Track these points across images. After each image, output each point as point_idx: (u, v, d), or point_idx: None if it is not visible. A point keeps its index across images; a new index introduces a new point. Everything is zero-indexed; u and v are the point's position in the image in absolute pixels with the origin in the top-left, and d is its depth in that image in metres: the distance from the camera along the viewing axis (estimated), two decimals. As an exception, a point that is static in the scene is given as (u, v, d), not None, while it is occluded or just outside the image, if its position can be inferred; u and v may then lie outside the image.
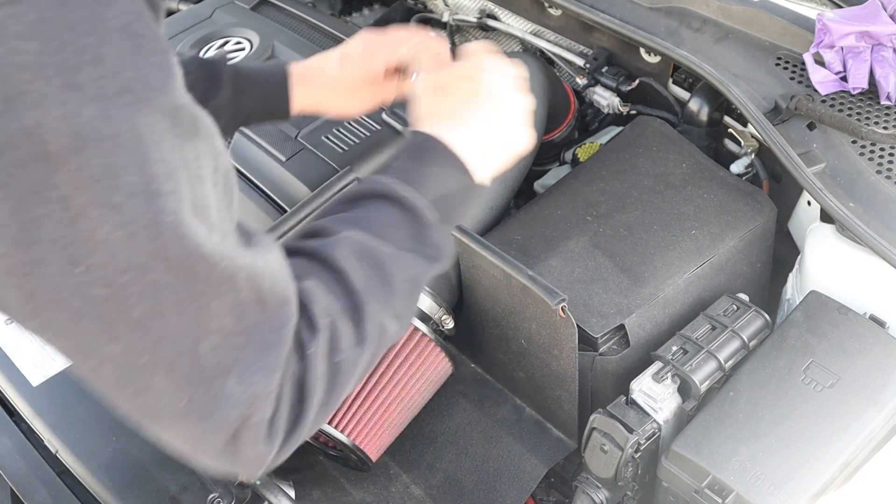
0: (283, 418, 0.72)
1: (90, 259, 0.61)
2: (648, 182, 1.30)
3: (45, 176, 0.59)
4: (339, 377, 0.76)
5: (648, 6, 1.42)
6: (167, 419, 0.68)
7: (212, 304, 0.66)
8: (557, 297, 1.10)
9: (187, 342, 0.66)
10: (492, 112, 0.95)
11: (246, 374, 0.68)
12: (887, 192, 1.13)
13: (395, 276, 0.80)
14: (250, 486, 1.08)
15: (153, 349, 0.65)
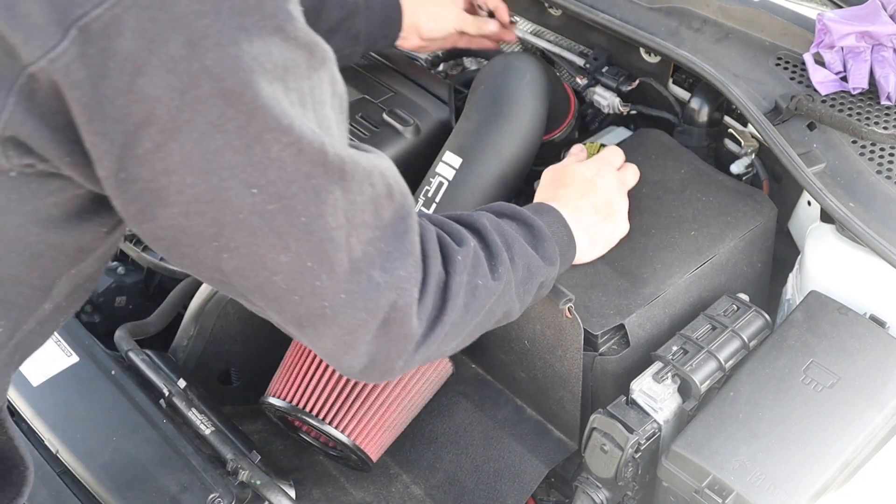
0: (429, 307, 0.83)
1: (265, 177, 0.70)
2: (646, 189, 1.30)
3: (223, 110, 0.67)
4: (475, 300, 0.88)
5: (648, 6, 1.42)
6: (329, 317, 0.78)
7: (357, 200, 0.76)
8: (564, 296, 1.10)
9: (342, 239, 0.75)
10: (601, 209, 1.16)
11: (388, 261, 0.79)
12: (887, 192, 1.13)
13: (517, 255, 0.95)
14: (250, 485, 1.08)
15: (317, 251, 0.74)
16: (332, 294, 0.77)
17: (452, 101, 1.48)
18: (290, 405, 1.19)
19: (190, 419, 1.15)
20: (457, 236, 0.90)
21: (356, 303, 0.78)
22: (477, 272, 0.89)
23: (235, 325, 1.34)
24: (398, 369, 0.86)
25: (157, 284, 1.61)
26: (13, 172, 0.69)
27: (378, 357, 0.84)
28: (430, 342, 0.86)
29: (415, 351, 0.85)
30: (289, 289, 0.76)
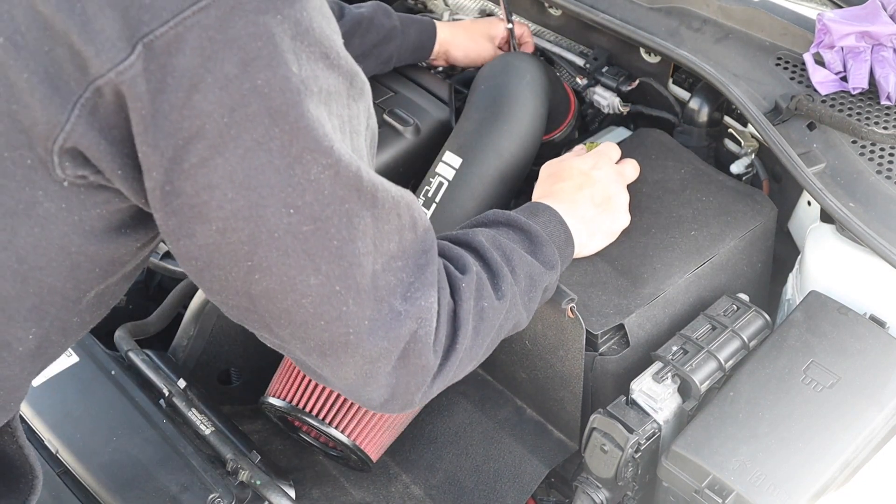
0: (442, 338, 0.85)
1: (302, 199, 0.72)
2: (646, 189, 1.30)
3: (268, 128, 0.69)
4: (483, 323, 0.90)
5: (648, 6, 1.42)
6: (352, 345, 0.79)
7: (384, 228, 0.78)
8: (566, 296, 1.10)
9: (369, 266, 0.77)
10: (598, 202, 1.16)
11: (409, 291, 0.81)
12: (887, 193, 1.13)
13: (517, 267, 0.97)
14: (250, 485, 1.08)
15: (346, 275, 0.76)
16: (356, 320, 0.78)
17: (452, 101, 1.48)
18: (289, 405, 1.19)
19: (190, 419, 1.15)
20: (459, 263, 0.92)
21: (379, 331, 0.80)
22: (482, 295, 0.91)
23: (235, 325, 1.33)
24: (417, 401, 0.88)
25: (157, 284, 1.61)
26: (66, 182, 0.71)
27: (398, 390, 0.85)
28: (447, 372, 0.88)
29: (432, 382, 0.87)
30: (315, 313, 0.77)
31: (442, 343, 0.86)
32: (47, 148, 0.69)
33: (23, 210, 0.71)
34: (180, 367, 1.28)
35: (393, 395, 0.86)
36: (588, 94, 1.55)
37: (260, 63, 0.68)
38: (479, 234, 0.97)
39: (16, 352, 0.79)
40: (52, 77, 0.67)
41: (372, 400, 0.86)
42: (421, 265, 0.83)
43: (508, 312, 0.96)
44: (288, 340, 0.81)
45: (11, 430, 0.89)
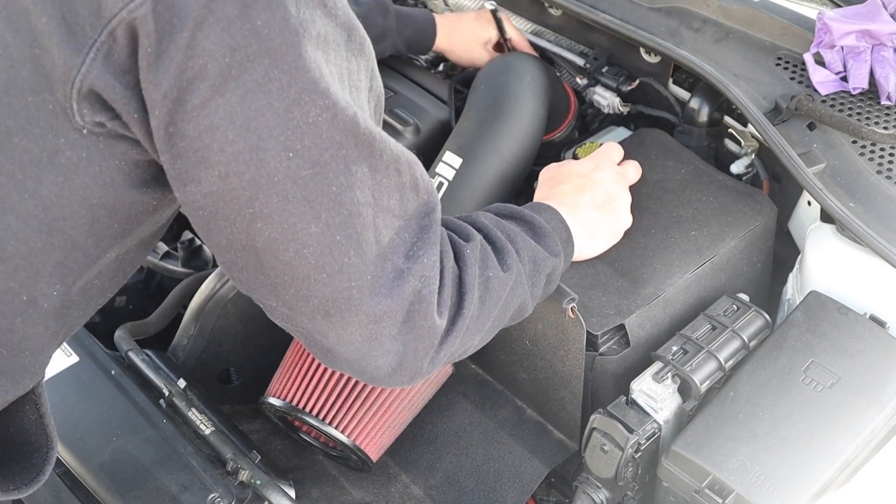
0: (447, 301, 0.86)
1: (301, 142, 0.73)
2: (646, 189, 1.30)
3: (268, 70, 0.71)
4: (489, 293, 0.91)
5: (648, 6, 1.42)
6: (355, 301, 0.79)
7: (383, 182, 0.79)
8: (567, 296, 1.09)
9: (369, 217, 0.78)
10: (600, 204, 1.16)
11: (412, 250, 0.82)
12: (887, 193, 1.13)
13: (521, 249, 0.98)
14: (250, 485, 1.08)
15: (346, 224, 0.77)
16: (358, 274, 0.79)
17: (452, 101, 1.48)
18: (289, 405, 1.19)
19: (190, 419, 1.15)
20: (462, 233, 0.93)
21: (382, 288, 0.80)
22: (487, 265, 0.92)
23: (235, 325, 1.34)
24: (425, 369, 0.88)
25: (157, 284, 1.61)
26: (85, 130, 0.73)
27: (405, 357, 0.85)
28: (453, 338, 0.88)
29: (439, 347, 0.87)
30: (317, 265, 0.78)
31: (447, 306, 0.86)
32: (66, 92, 0.71)
33: (47, 158, 0.73)
34: (180, 367, 1.28)
35: (401, 363, 0.86)
36: (588, 94, 1.55)
37: (260, 4, 0.70)
38: (482, 216, 0.99)
39: (41, 308, 0.81)
40: (68, 21, 0.69)
41: (379, 369, 0.85)
42: (424, 226, 0.84)
43: (514, 289, 0.96)
44: (293, 304, 0.81)
45: (35, 398, 0.91)
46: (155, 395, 1.18)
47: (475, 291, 0.89)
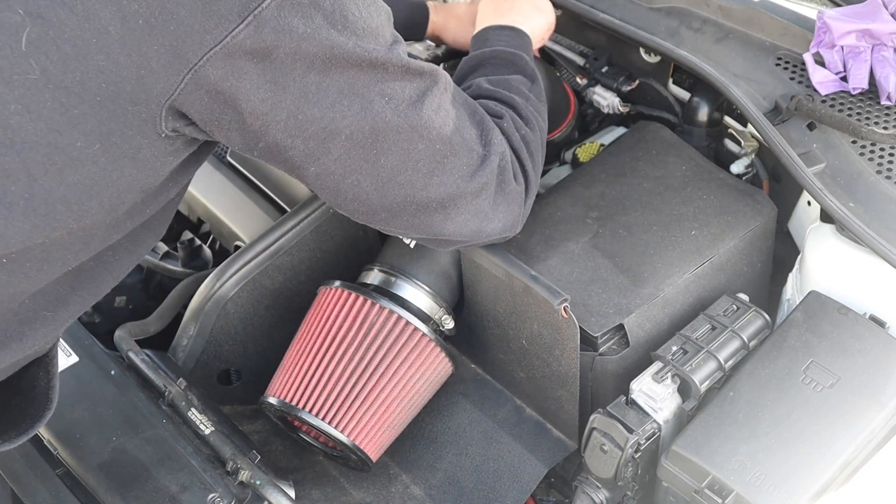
0: (518, 167, 1.11)
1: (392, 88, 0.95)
2: (648, 184, 1.30)
3: None
4: (530, 144, 1.14)
5: (648, 6, 1.42)
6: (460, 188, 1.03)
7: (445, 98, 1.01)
8: (560, 297, 1.10)
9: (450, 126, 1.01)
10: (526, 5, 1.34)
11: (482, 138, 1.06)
12: (887, 193, 1.13)
13: (513, 86, 1.18)
14: (250, 485, 1.08)
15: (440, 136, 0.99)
16: (458, 168, 1.02)
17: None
18: (289, 405, 1.19)
19: (190, 419, 1.15)
20: (493, 111, 1.13)
21: (476, 171, 1.04)
22: (518, 126, 1.13)
23: (235, 325, 1.34)
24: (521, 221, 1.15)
25: (157, 284, 1.61)
26: (163, 134, 0.87)
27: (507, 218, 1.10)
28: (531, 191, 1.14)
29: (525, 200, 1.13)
30: (429, 171, 1.00)
31: (518, 170, 1.11)
32: (159, 105, 0.84)
33: (130, 155, 0.86)
34: (180, 367, 1.28)
35: (505, 225, 1.11)
36: (588, 93, 1.55)
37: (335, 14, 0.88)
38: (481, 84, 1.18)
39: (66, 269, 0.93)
40: (175, 48, 0.81)
41: (492, 235, 1.11)
42: (477, 120, 1.06)
43: (537, 129, 1.17)
44: (417, 214, 1.03)
45: (48, 360, 1.00)
46: (155, 395, 1.18)
47: (523, 150, 1.12)
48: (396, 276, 1.26)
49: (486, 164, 1.05)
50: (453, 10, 1.57)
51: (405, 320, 1.20)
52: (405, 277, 1.26)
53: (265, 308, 1.36)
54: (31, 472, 1.11)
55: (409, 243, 1.28)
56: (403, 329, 1.20)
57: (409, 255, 1.27)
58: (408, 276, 1.26)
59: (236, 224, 1.48)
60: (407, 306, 1.24)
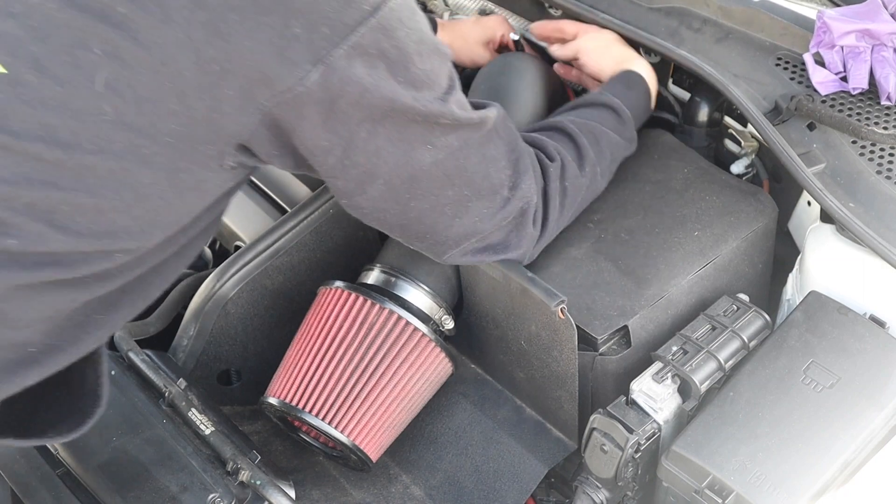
0: (541, 214, 1.14)
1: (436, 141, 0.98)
2: (650, 188, 1.30)
3: None
4: (567, 197, 1.17)
5: (648, 6, 1.42)
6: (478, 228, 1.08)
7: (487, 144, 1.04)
8: (556, 298, 1.10)
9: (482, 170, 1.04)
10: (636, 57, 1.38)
11: (513, 182, 1.08)
12: (887, 193, 1.13)
13: (605, 145, 1.22)
14: (250, 486, 1.08)
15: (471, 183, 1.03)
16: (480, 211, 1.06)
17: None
18: (289, 405, 1.19)
19: (190, 419, 1.15)
20: (547, 151, 1.16)
21: (496, 215, 1.07)
22: (566, 176, 1.16)
23: (235, 325, 1.34)
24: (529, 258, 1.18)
25: (158, 285, 1.61)
26: (226, 167, 0.91)
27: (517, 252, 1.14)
28: (545, 237, 1.18)
29: (537, 244, 1.17)
30: (454, 214, 1.05)
31: (539, 217, 1.14)
32: (227, 144, 0.88)
33: (195, 186, 0.90)
34: (180, 368, 1.28)
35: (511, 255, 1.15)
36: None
37: (399, 67, 0.91)
38: (568, 122, 1.21)
39: None
40: (248, 91, 0.85)
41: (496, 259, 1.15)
42: (513, 160, 1.08)
43: (590, 186, 1.22)
44: (439, 242, 1.09)
45: (96, 357, 1.02)
46: (155, 396, 1.18)
47: (556, 200, 1.15)
48: (396, 277, 1.26)
49: (507, 206, 1.08)
50: (460, 28, 1.57)
51: (405, 320, 1.20)
52: (405, 278, 1.26)
53: (265, 308, 1.36)
54: (31, 472, 1.11)
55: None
56: (404, 329, 1.20)
57: (409, 256, 1.27)
58: (408, 276, 1.26)
59: (236, 224, 1.48)
60: (407, 306, 1.24)
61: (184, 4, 0.81)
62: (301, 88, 0.86)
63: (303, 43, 0.85)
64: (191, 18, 0.81)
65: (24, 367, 0.89)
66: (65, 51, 0.80)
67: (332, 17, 0.85)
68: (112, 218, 0.86)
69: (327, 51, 0.86)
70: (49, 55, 0.80)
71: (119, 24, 0.80)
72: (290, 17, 0.84)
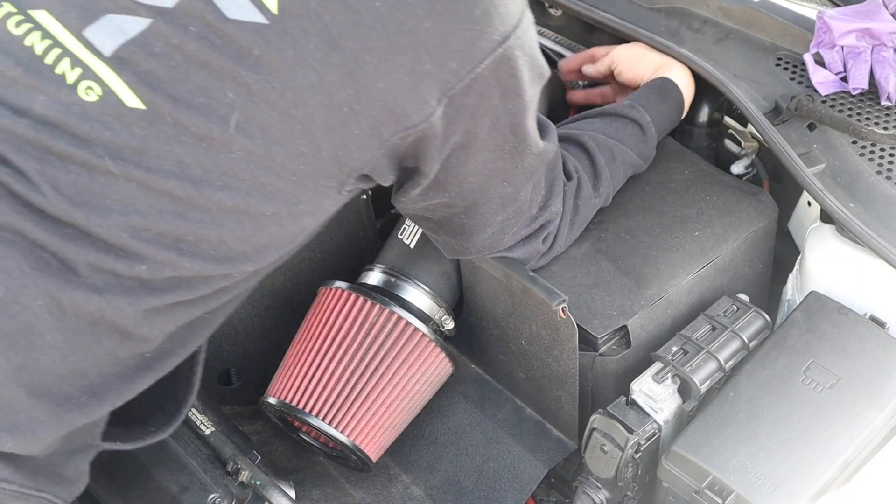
0: (553, 233, 1.17)
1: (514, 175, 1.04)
2: (650, 189, 1.30)
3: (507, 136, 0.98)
4: (578, 216, 1.19)
5: (648, 6, 1.42)
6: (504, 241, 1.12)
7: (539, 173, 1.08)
8: (557, 297, 1.10)
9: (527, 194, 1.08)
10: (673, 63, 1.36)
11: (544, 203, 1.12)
12: (887, 193, 1.13)
13: (619, 164, 1.23)
14: (250, 486, 1.08)
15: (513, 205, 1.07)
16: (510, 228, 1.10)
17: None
18: (289, 405, 1.19)
19: (190, 419, 1.14)
20: (567, 169, 1.17)
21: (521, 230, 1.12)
22: (580, 196, 1.18)
23: (235, 325, 1.34)
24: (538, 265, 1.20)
25: (158, 284, 1.60)
26: (343, 192, 0.93)
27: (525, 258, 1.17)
28: (551, 253, 1.20)
29: (541, 259, 1.19)
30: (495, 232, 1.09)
31: (552, 235, 1.17)
32: (349, 175, 0.90)
33: (311, 210, 0.93)
34: (180, 368, 1.28)
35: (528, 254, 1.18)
36: (588, 94, 1.55)
37: (512, 94, 0.94)
38: (587, 137, 1.21)
39: None
40: (375, 129, 0.87)
41: None
42: (550, 181, 1.12)
43: (601, 201, 1.23)
44: (466, 248, 1.13)
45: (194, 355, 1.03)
46: (155, 396, 1.18)
47: (567, 218, 1.17)
48: (396, 277, 1.26)
49: (531, 224, 1.12)
50: None
51: (405, 321, 1.20)
52: (405, 278, 1.26)
53: (265, 308, 1.36)
54: (31, 472, 1.11)
55: (409, 244, 1.28)
56: (404, 329, 1.20)
57: (409, 256, 1.27)
58: (408, 276, 1.26)
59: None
60: (407, 307, 1.24)
61: (318, 47, 0.82)
62: (426, 125, 0.89)
63: (433, 79, 0.87)
64: (325, 61, 0.82)
65: (141, 372, 0.91)
66: (201, 91, 0.82)
67: (461, 50, 0.87)
68: (233, 245, 0.88)
69: (452, 85, 0.88)
70: (186, 95, 0.81)
71: (253, 66, 0.82)
72: (422, 55, 0.85)
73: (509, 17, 0.90)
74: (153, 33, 0.82)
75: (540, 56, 0.97)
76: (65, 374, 0.84)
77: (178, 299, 0.88)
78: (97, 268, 0.82)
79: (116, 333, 0.85)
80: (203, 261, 0.87)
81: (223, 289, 0.93)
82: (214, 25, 0.82)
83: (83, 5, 0.83)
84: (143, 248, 0.83)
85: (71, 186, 0.80)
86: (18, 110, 0.80)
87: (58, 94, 0.81)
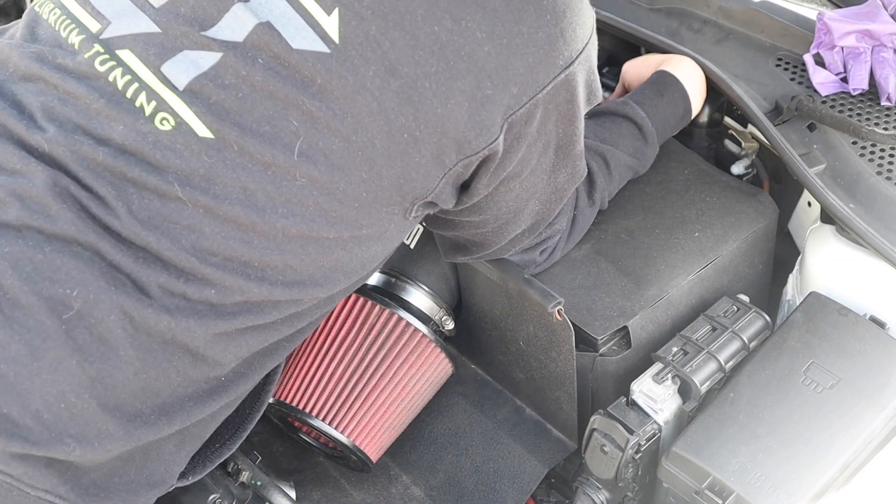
0: (551, 247, 1.18)
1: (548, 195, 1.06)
2: (650, 189, 1.30)
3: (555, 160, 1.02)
4: (575, 226, 1.20)
5: (649, 7, 1.42)
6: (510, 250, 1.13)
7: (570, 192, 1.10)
8: (553, 299, 1.10)
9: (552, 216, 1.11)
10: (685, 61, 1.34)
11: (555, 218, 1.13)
12: (887, 193, 1.13)
13: (614, 168, 1.21)
14: (251, 486, 1.08)
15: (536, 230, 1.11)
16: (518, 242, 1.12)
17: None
18: (290, 406, 1.19)
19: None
20: None
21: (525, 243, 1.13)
22: (577, 205, 1.18)
23: (236, 325, 1.34)
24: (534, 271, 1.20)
25: (158, 285, 1.60)
26: (408, 217, 0.95)
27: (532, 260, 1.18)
28: (547, 262, 1.20)
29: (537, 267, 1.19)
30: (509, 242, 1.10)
31: (550, 248, 1.17)
32: (413, 202, 0.92)
33: (377, 235, 0.94)
34: (180, 368, 1.28)
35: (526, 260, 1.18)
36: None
37: (566, 119, 0.96)
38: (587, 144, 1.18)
39: None
40: (437, 156, 0.88)
41: None
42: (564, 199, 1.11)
43: (596, 210, 1.23)
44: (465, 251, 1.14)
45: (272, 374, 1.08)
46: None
47: (565, 233, 1.18)
48: (396, 278, 1.26)
49: (536, 237, 1.13)
50: None
51: (406, 321, 1.20)
52: (405, 279, 1.26)
53: (265, 309, 1.36)
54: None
55: (408, 244, 1.28)
56: (404, 330, 1.20)
57: (408, 257, 1.27)
58: (408, 277, 1.26)
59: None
60: (407, 307, 1.24)
61: (377, 73, 0.84)
62: (488, 151, 0.90)
63: (494, 104, 0.87)
64: (383, 87, 0.84)
65: (214, 395, 0.93)
66: (266, 120, 0.84)
67: (523, 74, 0.88)
68: (299, 270, 0.90)
69: (513, 110, 0.89)
70: (253, 123, 0.84)
71: (317, 94, 0.84)
72: (482, 79, 0.86)
73: (576, 41, 0.90)
74: (223, 66, 0.85)
75: (598, 79, 0.98)
76: (137, 391, 0.85)
77: (249, 324, 0.90)
78: (168, 290, 0.85)
79: (188, 355, 0.87)
80: (271, 285, 0.88)
81: (295, 314, 0.95)
82: (280, 56, 0.84)
83: (163, 43, 0.88)
84: (211, 272, 0.85)
85: (143, 211, 0.84)
86: (100, 139, 0.85)
87: (135, 124, 0.85)
